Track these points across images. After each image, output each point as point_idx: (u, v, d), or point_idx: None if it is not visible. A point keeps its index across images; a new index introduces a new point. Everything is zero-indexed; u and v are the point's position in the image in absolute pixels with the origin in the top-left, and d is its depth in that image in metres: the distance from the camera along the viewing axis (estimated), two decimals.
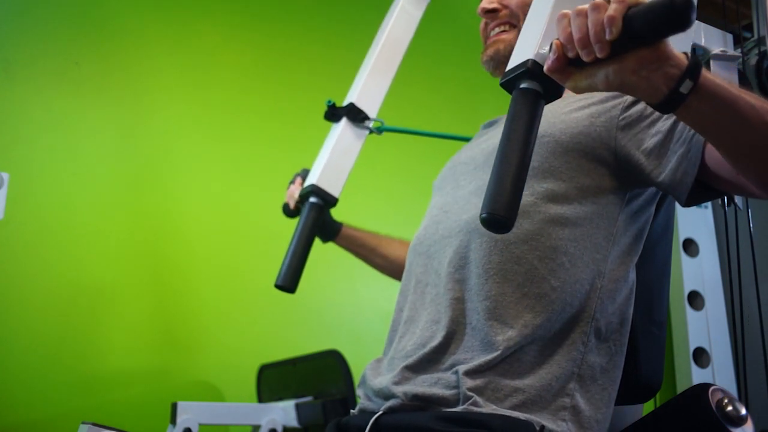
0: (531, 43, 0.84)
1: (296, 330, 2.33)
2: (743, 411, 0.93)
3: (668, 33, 0.72)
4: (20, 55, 2.14)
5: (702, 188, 0.94)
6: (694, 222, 2.80)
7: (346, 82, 1.50)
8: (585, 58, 0.75)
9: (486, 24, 1.21)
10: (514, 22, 1.17)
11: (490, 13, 1.18)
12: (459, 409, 0.92)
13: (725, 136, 0.81)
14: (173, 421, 1.70)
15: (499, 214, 0.77)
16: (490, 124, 1.24)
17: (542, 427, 0.89)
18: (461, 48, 2.74)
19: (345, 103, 1.45)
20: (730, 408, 0.93)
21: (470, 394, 0.92)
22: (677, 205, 1.05)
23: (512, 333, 0.95)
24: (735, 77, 1.74)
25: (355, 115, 1.43)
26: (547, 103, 0.84)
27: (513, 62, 0.85)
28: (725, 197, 1.99)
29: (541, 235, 0.99)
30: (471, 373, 0.94)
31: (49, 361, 1.97)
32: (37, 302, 2.00)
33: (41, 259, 2.04)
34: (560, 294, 0.97)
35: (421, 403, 0.96)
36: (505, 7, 1.18)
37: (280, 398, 1.96)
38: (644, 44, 0.73)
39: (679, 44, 0.88)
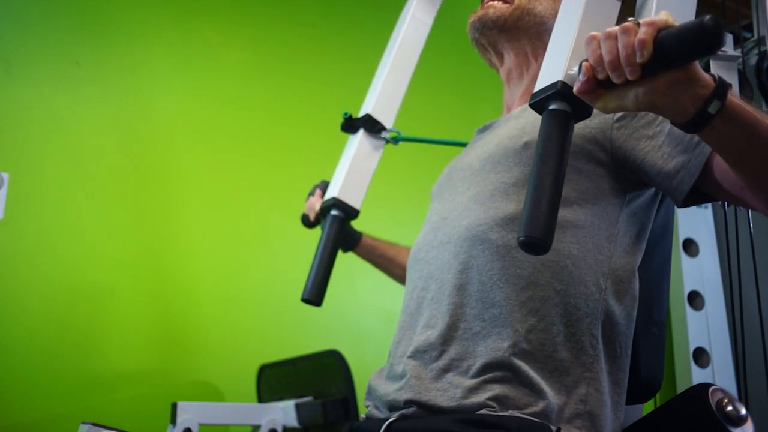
0: (559, 64, 0.85)
1: (296, 330, 2.33)
2: (743, 411, 0.93)
3: (699, 56, 0.72)
4: (20, 55, 2.14)
5: (700, 193, 0.94)
6: (694, 222, 2.79)
7: (344, 77, 1.49)
8: (615, 80, 0.76)
9: None
10: (510, 0, 1.18)
11: None
12: (477, 412, 0.92)
13: (742, 156, 0.82)
14: (173, 421, 1.70)
15: (537, 237, 0.78)
16: (485, 129, 1.23)
17: (559, 429, 0.89)
18: (460, 47, 2.73)
19: (361, 114, 1.45)
20: (730, 408, 0.93)
21: (485, 402, 0.92)
22: None
23: (518, 338, 0.94)
24: (735, 77, 1.73)
25: (372, 126, 1.44)
26: (576, 122, 0.85)
27: (541, 83, 0.86)
28: None
29: None
30: (478, 383, 0.94)
31: (49, 361, 1.97)
32: (37, 302, 2.00)
33: (41, 259, 2.04)
34: (564, 297, 0.96)
35: (431, 412, 0.96)
36: None
37: (280, 398, 1.96)
38: (674, 66, 0.74)
39: None
